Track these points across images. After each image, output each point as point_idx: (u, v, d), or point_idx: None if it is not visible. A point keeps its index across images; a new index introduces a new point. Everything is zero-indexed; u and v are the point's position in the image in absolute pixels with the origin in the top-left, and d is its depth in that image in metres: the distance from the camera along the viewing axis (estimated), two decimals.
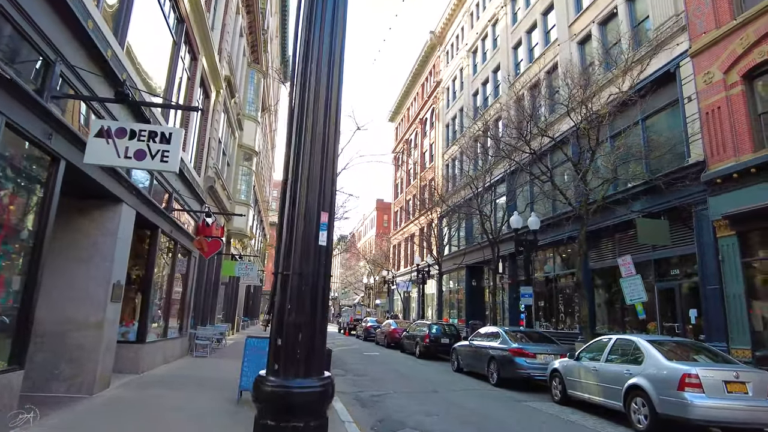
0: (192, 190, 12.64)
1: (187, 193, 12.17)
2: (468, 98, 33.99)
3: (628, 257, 12.82)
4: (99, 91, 6.36)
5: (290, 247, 1.99)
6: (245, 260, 23.22)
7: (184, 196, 11.73)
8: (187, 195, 12.20)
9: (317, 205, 2.01)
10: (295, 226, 2.00)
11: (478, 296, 31.57)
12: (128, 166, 5.59)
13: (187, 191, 12.14)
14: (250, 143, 21.54)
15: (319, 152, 2.05)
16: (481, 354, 13.27)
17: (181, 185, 11.76)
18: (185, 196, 11.90)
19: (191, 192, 12.61)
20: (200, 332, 14.64)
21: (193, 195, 12.78)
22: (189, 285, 13.94)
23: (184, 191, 11.84)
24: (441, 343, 18.83)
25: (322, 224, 2.02)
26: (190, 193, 12.57)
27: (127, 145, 5.38)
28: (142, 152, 5.41)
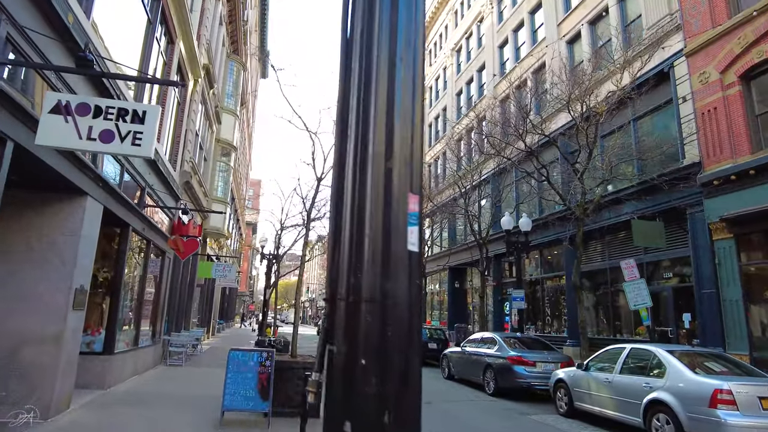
0: (167, 185, 11.56)
1: (162, 188, 11.09)
2: (452, 97, 33.41)
3: (632, 260, 12.29)
4: (56, 61, 5.33)
5: (356, 255, 1.12)
6: (223, 261, 22.06)
7: (158, 191, 10.66)
8: (162, 190, 11.12)
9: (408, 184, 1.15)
10: (366, 219, 1.13)
11: (460, 298, 30.97)
12: (92, 150, 4.59)
13: (161, 186, 11.06)
14: (229, 138, 20.39)
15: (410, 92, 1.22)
16: (476, 361, 12.54)
17: (155, 179, 10.68)
18: (159, 191, 10.83)
19: (166, 187, 11.52)
20: (174, 339, 13.52)
21: (167, 190, 11.69)
22: (163, 288, 12.83)
23: (158, 186, 10.76)
24: (429, 349, 18.06)
25: (412, 214, 1.17)
26: (165, 189, 11.49)
27: (91, 124, 4.40)
28: (109, 133, 4.43)
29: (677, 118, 15.35)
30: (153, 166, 10.29)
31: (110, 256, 9.43)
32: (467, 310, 30.55)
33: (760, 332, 12.91)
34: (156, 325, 12.37)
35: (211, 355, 16.67)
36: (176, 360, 13.53)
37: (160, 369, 12.17)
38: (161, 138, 11.08)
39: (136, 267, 10.88)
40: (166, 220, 12.56)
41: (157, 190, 10.67)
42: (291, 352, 8.28)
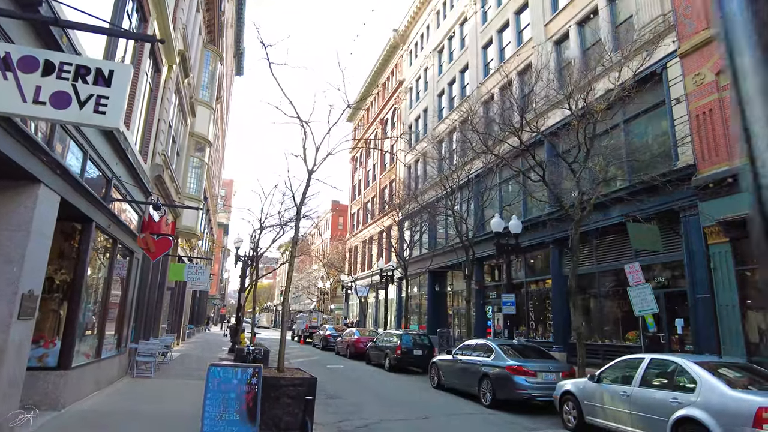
0: (136, 178, 10.38)
1: (131, 180, 9.92)
2: (433, 98, 32.79)
3: (637, 264, 11.72)
4: None
5: None
6: (195, 263, 20.70)
7: (126, 183, 9.49)
8: (131, 183, 9.95)
9: None
10: None
11: (440, 303, 30.26)
12: (40, 117, 3.51)
13: (130, 179, 9.88)
14: (204, 132, 19.14)
15: None
16: (470, 370, 11.75)
17: (123, 170, 9.51)
18: (128, 183, 9.66)
19: (135, 180, 10.34)
20: (143, 347, 12.28)
21: (137, 184, 10.51)
22: (130, 291, 11.60)
23: (126, 178, 9.60)
24: (413, 355, 17.22)
25: None
26: (134, 182, 10.31)
27: (39, 83, 3.36)
28: (63, 97, 3.40)
29: (670, 120, 14.97)
30: (121, 155, 9.13)
31: (70, 256, 8.23)
32: (447, 315, 29.87)
33: (757, 338, 12.53)
34: (122, 333, 11.13)
35: (182, 364, 15.41)
36: (144, 371, 12.29)
37: (126, 382, 10.94)
38: (131, 125, 9.91)
39: (101, 268, 9.67)
40: (135, 217, 11.35)
41: (126, 182, 9.50)
42: (278, 366, 7.29)
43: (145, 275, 13.84)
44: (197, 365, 15.28)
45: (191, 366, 14.93)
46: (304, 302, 67.68)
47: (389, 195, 38.86)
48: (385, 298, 28.86)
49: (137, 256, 11.63)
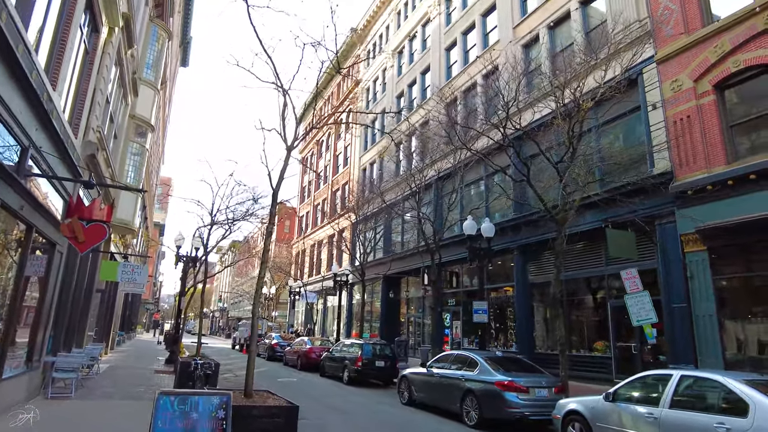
0: (63, 153, 8.35)
1: (55, 153, 7.90)
2: (391, 100, 31.72)
3: (634, 270, 10.97)
4: None
5: None
6: (131, 261, 18.20)
7: (48, 154, 7.48)
8: (55, 156, 7.93)
9: None
10: None
11: (394, 310, 29.03)
12: None
13: (54, 151, 7.86)
14: (146, 115, 16.85)
15: None
16: (450, 386, 10.50)
17: (45, 139, 7.51)
18: (51, 155, 7.65)
19: (62, 155, 8.32)
20: (62, 360, 10.05)
21: (64, 160, 8.48)
22: (50, 293, 9.42)
23: (49, 149, 7.59)
24: (375, 367, 15.78)
25: None
26: (60, 156, 8.28)
27: None
28: None
29: (646, 126, 14.60)
30: (44, 119, 7.15)
31: None
32: (400, 323, 28.67)
33: (735, 349, 12.16)
34: (35, 344, 8.95)
35: (112, 378, 13.12)
36: (63, 389, 10.08)
37: (37, 405, 8.74)
38: (58, 85, 7.92)
39: (11, 266, 7.58)
40: (60, 204, 9.24)
41: (48, 153, 7.50)
42: (246, 389, 5.68)
43: (70, 273, 11.56)
44: (130, 380, 13.06)
45: (123, 381, 12.70)
46: (244, 308, 64.34)
47: (342, 197, 37.33)
48: (339, 304, 27.24)
49: (60, 249, 9.48)
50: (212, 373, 9.20)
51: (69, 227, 7.14)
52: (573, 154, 12.23)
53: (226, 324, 72.21)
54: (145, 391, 11.32)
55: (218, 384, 9.53)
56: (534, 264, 18.79)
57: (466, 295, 22.71)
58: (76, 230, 7.09)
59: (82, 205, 7.78)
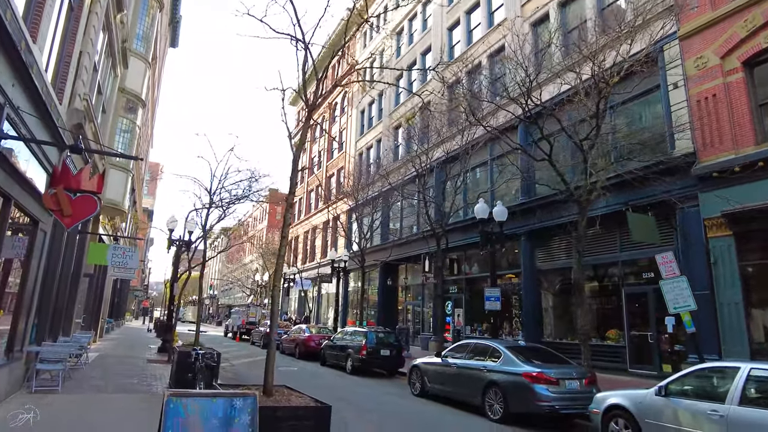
0: (46, 117, 7.32)
1: (36, 114, 6.88)
2: (390, 82, 30.64)
3: (670, 254, 10.24)
4: None
5: None
6: (122, 244, 17.12)
7: (28, 114, 6.46)
8: (36, 117, 6.91)
9: None
10: None
11: (391, 297, 28.28)
12: None
13: (35, 113, 6.84)
14: (136, 89, 15.69)
15: None
16: (470, 377, 9.74)
17: (24, 99, 6.48)
18: (31, 115, 6.63)
19: (44, 119, 7.29)
20: (47, 350, 9.09)
21: (47, 126, 7.45)
22: (32, 277, 8.43)
23: (30, 110, 6.57)
24: (380, 356, 15.00)
25: None
26: (42, 122, 7.25)
27: None
28: None
29: (666, 106, 13.87)
30: (22, 74, 6.13)
31: None
32: (398, 310, 27.94)
33: (762, 338, 11.59)
34: (16, 333, 7.98)
35: (102, 368, 12.17)
36: (48, 383, 9.14)
37: (18, 401, 7.79)
38: (38, 37, 6.85)
39: None
40: (43, 177, 8.21)
41: (28, 113, 6.48)
42: (265, 387, 4.83)
43: (55, 256, 10.54)
44: (122, 370, 12.12)
45: (114, 371, 11.77)
46: (235, 296, 63.27)
47: (337, 182, 36.34)
48: (337, 291, 26.42)
49: (44, 227, 8.47)
50: (215, 364, 8.33)
51: (53, 199, 6.16)
52: (597, 131, 11.42)
53: (216, 311, 71.11)
54: (138, 383, 10.41)
55: (218, 378, 8.65)
56: (542, 250, 18.10)
57: (468, 283, 22.02)
58: (62, 202, 6.11)
59: (69, 173, 6.75)
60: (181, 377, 9.12)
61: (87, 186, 6.50)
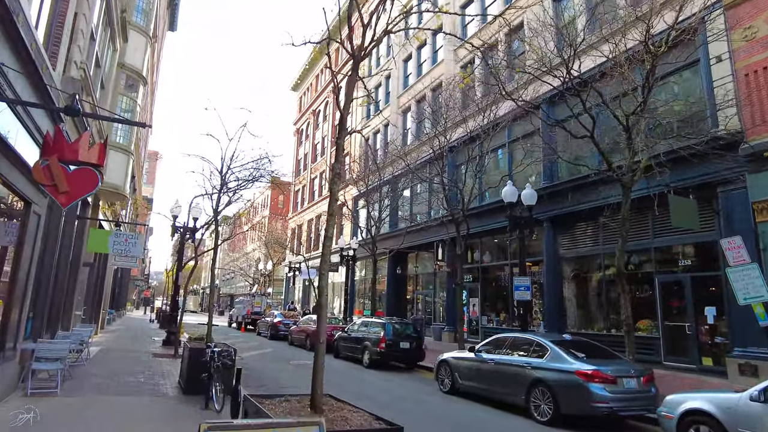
0: (37, 82, 6.26)
1: (23, 73, 5.82)
2: (398, 63, 29.45)
3: (738, 239, 9.27)
4: None
5: None
6: (124, 230, 16.06)
7: (13, 70, 5.41)
8: (22, 75, 5.85)
9: None
10: None
11: (400, 286, 27.38)
12: None
13: (23, 72, 5.79)
14: (137, 65, 14.55)
15: None
16: (512, 375, 8.83)
17: (9, 54, 5.43)
18: (17, 72, 5.57)
19: (34, 83, 6.23)
20: (44, 347, 8.12)
21: (36, 90, 6.39)
22: (25, 266, 7.42)
23: (16, 66, 5.52)
24: (400, 349, 14.09)
25: None
26: (31, 84, 6.19)
27: None
28: None
29: (707, 81, 12.82)
30: (5, 23, 5.07)
31: None
32: (407, 300, 27.07)
33: None
34: (8, 328, 7.00)
35: (105, 365, 11.22)
36: (45, 383, 8.17)
37: (13, 405, 6.83)
38: None
39: None
40: (34, 148, 7.15)
41: (14, 70, 5.43)
42: (313, 401, 3.86)
43: (52, 243, 9.53)
44: (126, 366, 11.17)
45: (118, 368, 10.81)
46: (237, 285, 62.39)
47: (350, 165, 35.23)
48: (347, 280, 25.51)
49: (37, 210, 7.44)
50: (233, 363, 7.38)
51: (45, 171, 5.12)
52: (644, 106, 10.37)
53: (217, 301, 70.29)
54: (145, 381, 9.47)
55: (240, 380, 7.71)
56: (565, 237, 17.17)
57: (483, 271, 21.12)
58: (56, 176, 5.08)
59: (63, 141, 5.66)
60: (194, 378, 8.17)
61: (86, 157, 5.45)
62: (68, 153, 5.38)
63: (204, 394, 7.69)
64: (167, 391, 8.61)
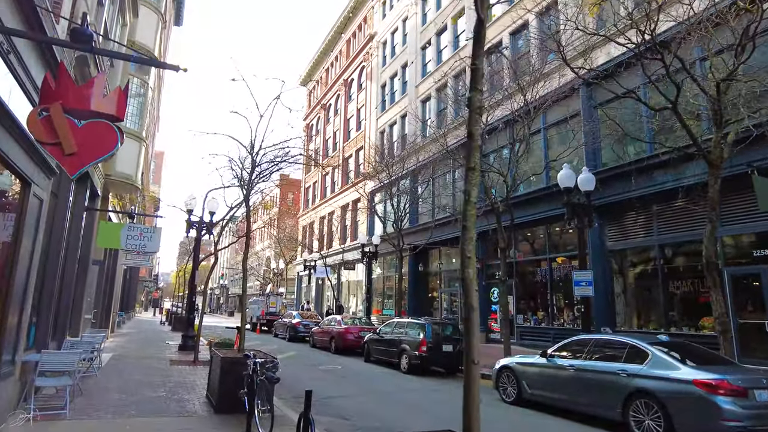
0: (32, 17, 4.88)
1: (18, 19, 4.45)
2: (415, 51, 28.04)
3: None
4: None
5: None
6: (139, 223, 14.66)
7: None
8: (16, 20, 4.48)
9: None
10: None
11: (422, 284, 25.97)
12: None
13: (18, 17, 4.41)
14: (148, 43, 13.17)
15: None
16: (600, 384, 7.41)
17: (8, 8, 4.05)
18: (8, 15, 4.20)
19: (29, 27, 4.85)
20: (49, 359, 6.75)
21: (37, 49, 5.02)
22: (24, 262, 6.05)
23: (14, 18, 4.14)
24: (442, 352, 12.69)
25: None
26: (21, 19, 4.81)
27: None
28: None
29: None
30: None
31: None
32: (429, 299, 25.64)
33: None
34: (4, 337, 5.62)
35: (119, 375, 9.84)
36: (52, 402, 6.80)
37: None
38: None
39: None
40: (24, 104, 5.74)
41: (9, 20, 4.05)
42: None
43: (57, 236, 8.15)
44: (143, 377, 9.79)
45: (134, 380, 9.44)
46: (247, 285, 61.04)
47: (356, 164, 33.86)
48: (368, 278, 24.12)
49: (39, 193, 6.06)
50: (277, 378, 5.98)
51: (45, 125, 3.69)
52: (735, 70, 8.88)
53: (226, 301, 69.01)
54: (167, 396, 8.08)
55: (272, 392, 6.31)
56: (613, 227, 15.73)
57: (517, 267, 19.69)
58: (60, 130, 3.66)
59: (70, 83, 4.15)
60: (228, 393, 6.78)
61: (101, 105, 4.03)
62: (76, 99, 3.94)
63: (241, 413, 6.32)
64: (196, 409, 7.22)
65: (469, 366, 2.61)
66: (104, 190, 12.22)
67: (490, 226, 15.95)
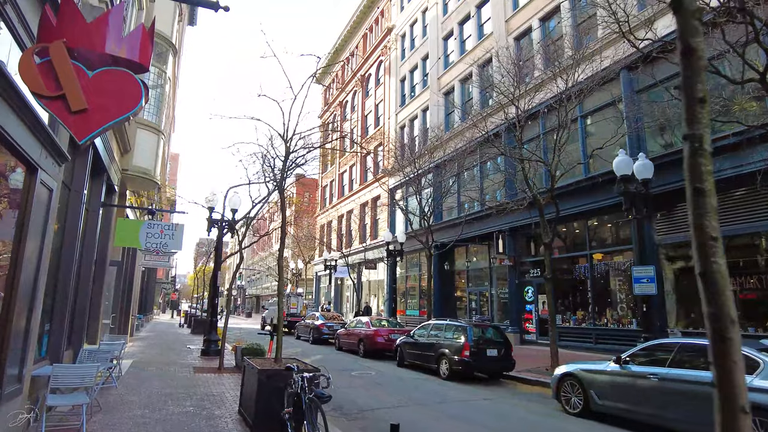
0: None
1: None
2: (436, 43, 26.98)
3: None
4: None
5: None
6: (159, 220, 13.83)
7: None
8: None
9: None
10: None
11: (447, 284, 24.89)
12: None
13: None
14: (166, 30, 12.34)
15: None
16: (694, 397, 6.32)
17: None
18: None
19: None
20: (62, 373, 5.88)
21: None
22: (33, 261, 5.18)
23: None
24: (487, 357, 11.64)
25: None
26: None
27: None
28: None
29: None
30: None
31: None
32: (455, 299, 24.56)
33: None
34: (8, 349, 4.73)
35: (140, 387, 8.95)
36: (66, 421, 5.92)
37: None
38: None
39: None
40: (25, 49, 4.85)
41: None
42: None
43: (71, 234, 7.28)
44: (165, 387, 8.91)
45: (157, 393, 8.55)
46: (262, 286, 60.49)
47: (374, 160, 32.90)
48: (393, 277, 23.10)
49: (48, 181, 5.17)
50: (328, 395, 5.04)
51: (44, 71, 2.74)
52: None
53: (243, 302, 68.51)
54: (196, 412, 7.16)
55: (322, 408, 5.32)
56: (662, 220, 14.53)
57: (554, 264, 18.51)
58: (65, 79, 2.65)
59: (78, 16, 3.19)
60: (267, 411, 5.83)
61: (118, 49, 3.06)
62: (85, 38, 2.94)
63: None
64: (229, 428, 6.28)
65: (737, 416, 1.59)
66: (121, 186, 11.41)
67: (533, 219, 14.83)
